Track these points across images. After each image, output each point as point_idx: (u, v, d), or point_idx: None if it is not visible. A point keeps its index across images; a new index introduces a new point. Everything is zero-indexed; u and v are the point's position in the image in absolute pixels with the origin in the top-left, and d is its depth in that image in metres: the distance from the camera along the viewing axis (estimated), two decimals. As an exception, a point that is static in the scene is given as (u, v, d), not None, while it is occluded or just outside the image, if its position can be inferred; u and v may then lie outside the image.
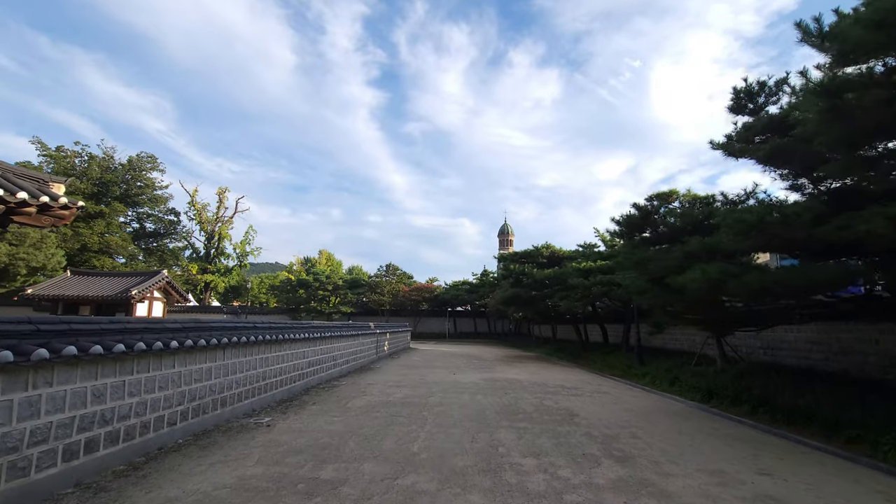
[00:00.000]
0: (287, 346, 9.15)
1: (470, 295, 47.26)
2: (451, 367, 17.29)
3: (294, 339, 9.23)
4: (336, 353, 12.81)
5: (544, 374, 16.16)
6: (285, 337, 8.73)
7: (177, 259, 53.09)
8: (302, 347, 10.02)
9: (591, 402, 10.37)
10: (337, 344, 12.94)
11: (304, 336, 9.81)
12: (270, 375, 8.35)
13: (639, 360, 16.11)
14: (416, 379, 13.32)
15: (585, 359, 21.35)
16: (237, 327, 7.28)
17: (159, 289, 32.47)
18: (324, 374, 11.60)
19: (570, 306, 18.80)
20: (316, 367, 10.99)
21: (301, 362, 9.99)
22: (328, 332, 11.68)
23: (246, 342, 7.17)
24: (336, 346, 12.85)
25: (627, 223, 11.21)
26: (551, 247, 22.03)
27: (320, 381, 11.26)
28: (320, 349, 11.36)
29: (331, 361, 12.27)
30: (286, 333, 8.88)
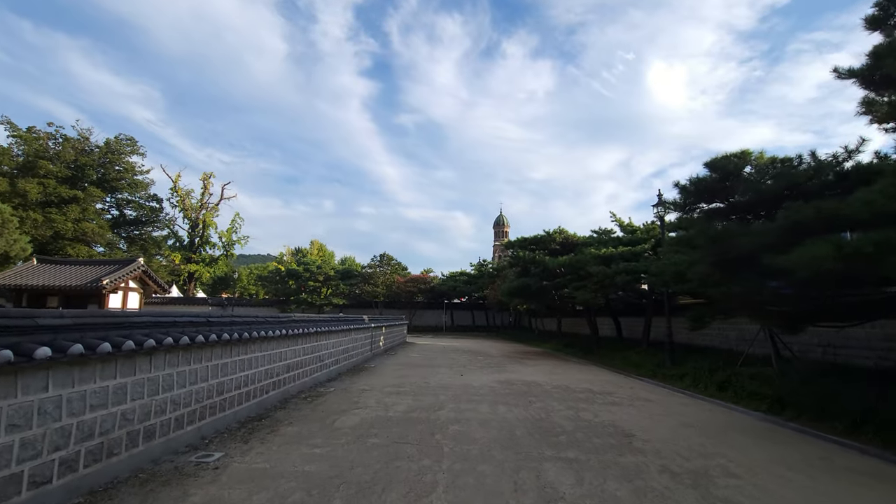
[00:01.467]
0: (256, 346, 7.02)
1: (468, 286, 45.28)
2: (455, 366, 15.27)
3: (266, 337, 7.10)
4: (323, 352, 10.69)
5: (563, 374, 14.20)
6: (253, 335, 6.60)
7: (159, 248, 50.43)
8: (278, 347, 7.89)
9: (637, 414, 8.39)
10: (325, 341, 10.82)
11: (281, 333, 7.68)
12: (232, 387, 6.23)
13: (670, 359, 14.19)
14: (419, 382, 11.27)
15: (599, 355, 19.45)
16: (177, 323, 5.13)
17: (135, 278, 30.07)
18: (307, 378, 9.48)
19: (587, 298, 16.83)
20: (297, 372, 8.87)
21: (277, 366, 7.86)
22: (313, 328, 9.55)
23: (189, 344, 5.03)
24: (323, 344, 10.73)
25: (697, 188, 8.87)
26: (565, 232, 20.00)
27: (303, 389, 9.15)
28: (303, 348, 9.24)
29: (316, 363, 10.16)
30: (255, 331, 6.75)
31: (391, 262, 48.05)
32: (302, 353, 9.18)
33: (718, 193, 8.53)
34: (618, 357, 17.82)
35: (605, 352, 19.88)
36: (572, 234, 20.02)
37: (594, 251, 16.64)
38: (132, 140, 48.84)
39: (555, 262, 17.88)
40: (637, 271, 15.45)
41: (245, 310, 49.50)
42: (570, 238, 19.85)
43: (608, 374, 14.71)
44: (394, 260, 48.18)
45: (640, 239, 17.13)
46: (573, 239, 19.77)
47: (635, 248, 16.39)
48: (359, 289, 47.02)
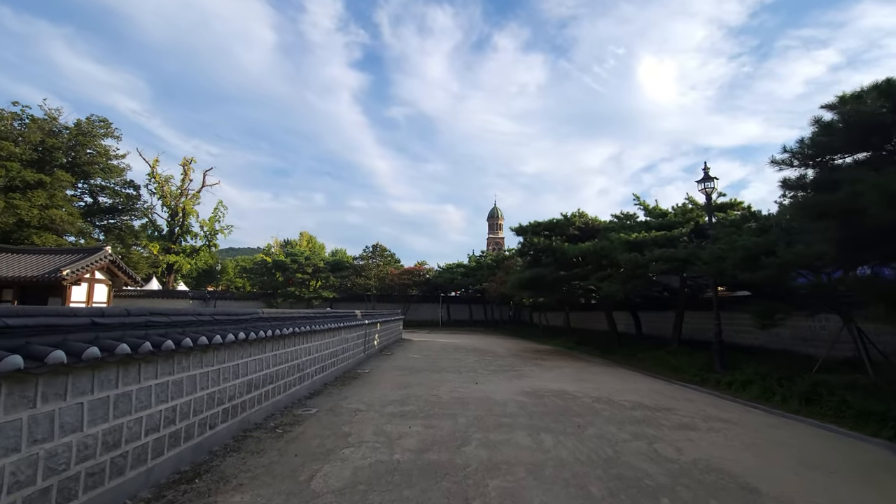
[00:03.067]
0: (192, 359, 4.59)
1: (465, 279, 42.94)
2: (464, 370, 12.95)
3: (207, 346, 4.67)
4: (303, 358, 8.27)
5: (593, 379, 11.94)
6: (185, 345, 4.17)
7: (137, 238, 47.31)
8: (233, 358, 5.47)
9: (729, 446, 6.13)
10: (306, 344, 8.40)
11: (237, 337, 5.25)
12: (138, 432, 3.79)
13: (720, 363, 11.99)
14: (427, 395, 8.91)
15: (622, 355, 17.27)
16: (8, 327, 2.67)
17: (102, 269, 27.25)
18: (281, 396, 7.06)
19: (614, 290, 14.58)
20: (264, 390, 6.45)
21: (231, 385, 5.44)
22: (288, 327, 7.13)
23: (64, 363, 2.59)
24: (304, 349, 8.31)
25: (849, 125, 5.96)
26: (585, 215, 17.67)
27: (273, 412, 6.73)
28: (274, 356, 6.81)
29: (294, 373, 7.74)
30: (191, 336, 4.32)
31: (384, 254, 45.51)
32: (273, 363, 6.75)
33: (876, 134, 5.90)
34: (646, 358, 15.63)
35: (628, 351, 17.71)
36: (593, 218, 17.72)
37: (623, 236, 14.35)
38: (106, 122, 45.58)
39: (575, 249, 15.59)
40: (675, 259, 13.20)
41: (228, 303, 46.72)
42: (592, 222, 17.56)
43: (647, 379, 12.49)
44: (387, 251, 45.65)
45: (675, 222, 14.88)
46: (594, 223, 17.49)
47: (671, 233, 14.13)
48: (350, 281, 44.46)
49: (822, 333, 12.10)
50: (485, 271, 41.25)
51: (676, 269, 13.50)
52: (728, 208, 15.27)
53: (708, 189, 12.52)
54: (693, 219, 14.86)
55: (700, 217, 14.90)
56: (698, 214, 14.86)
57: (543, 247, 16.53)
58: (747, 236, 9.71)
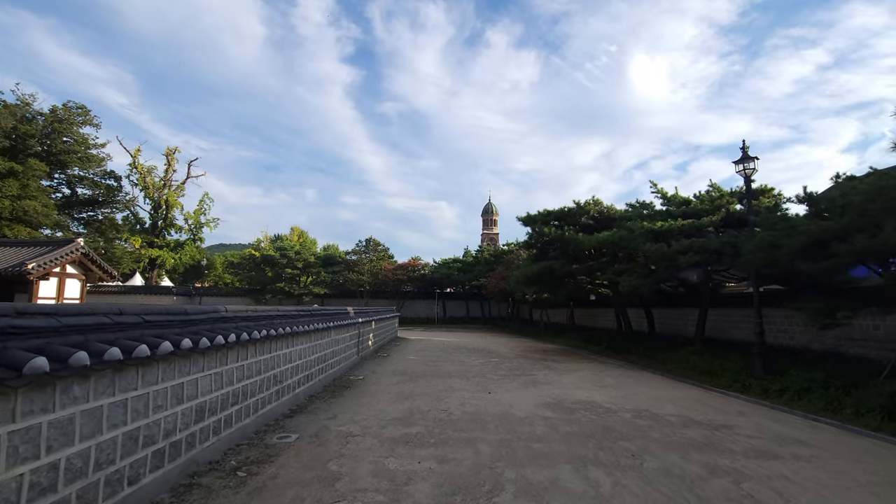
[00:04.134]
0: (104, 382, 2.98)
1: (462, 275, 41.42)
2: (471, 374, 11.42)
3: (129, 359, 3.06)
4: (283, 367, 6.68)
5: (619, 386, 10.48)
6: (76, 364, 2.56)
7: (118, 231, 45.07)
8: (172, 376, 3.87)
9: (845, 487, 4.65)
10: (285, 350, 6.81)
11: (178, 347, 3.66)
12: None
13: (762, 367, 10.58)
14: (434, 410, 7.36)
15: (639, 355, 15.85)
16: None
17: (73, 262, 25.29)
18: (250, 419, 5.47)
19: (635, 284, 13.13)
20: (224, 415, 4.85)
21: (169, 415, 3.84)
22: (261, 330, 5.54)
23: None
24: (284, 354, 6.72)
25: None
26: (600, 203, 16.16)
27: (239, 442, 5.14)
28: (238, 368, 5.22)
29: (271, 387, 6.15)
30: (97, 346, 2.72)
31: (378, 248, 43.80)
32: (238, 377, 5.16)
33: None
34: (667, 359, 14.21)
35: (644, 350, 16.28)
36: (609, 207, 16.23)
37: (646, 225, 12.88)
38: (84, 109, 43.29)
39: (592, 239, 14.10)
40: (706, 249, 11.76)
41: (216, 300, 44.78)
42: (607, 211, 16.07)
43: (678, 385, 11.06)
44: (380, 245, 43.93)
45: (702, 210, 13.44)
46: (610, 212, 16.01)
47: (701, 221, 12.69)
48: (342, 277, 42.71)
49: (875, 333, 10.73)
50: (482, 266, 39.77)
51: (707, 260, 12.05)
52: (759, 195, 13.87)
53: (747, 170, 11.07)
54: (722, 206, 13.43)
55: (730, 204, 13.48)
56: (728, 201, 13.43)
57: (555, 237, 15.03)
58: (808, 221, 8.28)
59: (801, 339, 12.85)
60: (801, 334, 12.95)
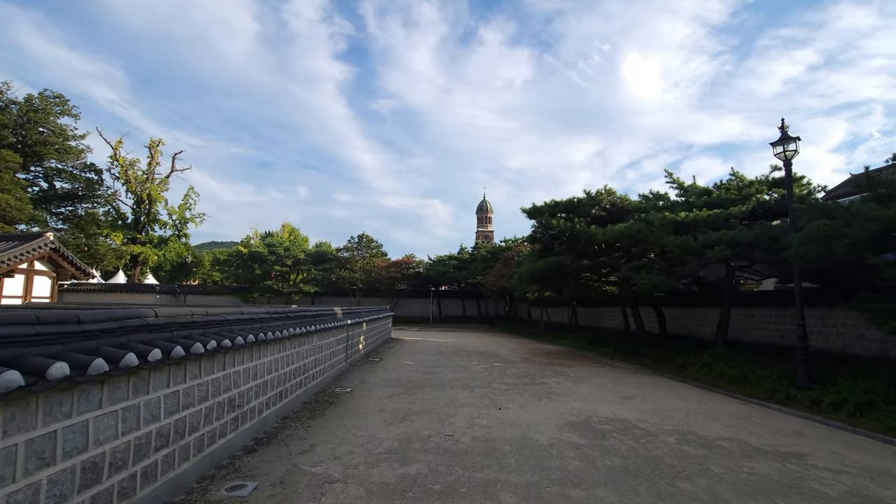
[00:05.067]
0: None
1: (458, 272, 40.05)
2: (475, 383, 10.05)
3: None
4: (243, 386, 5.26)
5: (646, 397, 9.16)
6: None
7: (98, 227, 43.09)
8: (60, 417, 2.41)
9: None
10: (248, 363, 5.39)
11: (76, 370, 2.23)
12: None
13: (807, 376, 9.31)
14: (437, 436, 5.98)
15: (654, 358, 14.57)
16: None
17: (42, 258, 23.58)
18: (188, 465, 4.04)
19: (655, 281, 11.83)
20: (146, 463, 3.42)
21: (41, 482, 2.38)
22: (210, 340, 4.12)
23: None
24: (245, 370, 5.30)
25: None
26: (613, 193, 14.74)
27: (169, 497, 3.69)
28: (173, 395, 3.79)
29: (225, 415, 4.74)
30: None
31: (371, 245, 42.27)
32: (169, 408, 3.74)
33: None
34: (688, 363, 12.94)
35: (658, 353, 15.00)
36: (622, 197, 14.88)
37: (668, 215, 11.57)
38: (62, 98, 41.29)
39: (606, 232, 12.75)
40: (738, 242, 10.48)
41: (201, 298, 43.04)
42: (620, 202, 14.73)
43: (712, 397, 9.77)
44: (374, 242, 42.39)
45: (728, 200, 12.16)
46: (624, 203, 14.67)
47: (729, 212, 11.39)
48: (334, 274, 41.14)
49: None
50: (479, 264, 38.42)
51: (737, 255, 10.77)
52: (790, 183, 12.61)
53: (788, 153, 9.78)
54: (750, 195, 12.16)
55: (759, 193, 12.22)
56: (758, 190, 12.16)
57: (563, 230, 13.68)
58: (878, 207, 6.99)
59: (839, 343, 11.63)
60: (837, 337, 11.73)
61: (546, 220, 14.23)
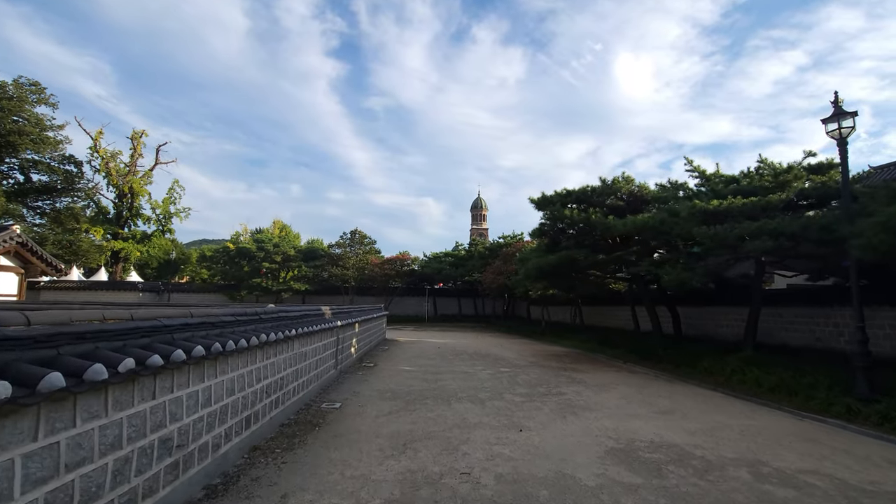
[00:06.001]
0: None
1: (455, 270, 38.69)
2: (485, 394, 8.71)
3: None
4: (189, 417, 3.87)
5: (685, 411, 7.88)
6: None
7: (78, 221, 41.15)
8: None
9: None
10: (196, 386, 3.98)
11: None
12: None
13: (868, 386, 8.09)
14: (449, 475, 4.63)
15: (675, 362, 13.31)
16: None
17: (8, 253, 21.83)
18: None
19: (682, 277, 10.57)
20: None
21: None
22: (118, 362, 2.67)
23: None
24: (191, 394, 3.89)
25: None
26: (631, 180, 13.41)
27: None
28: (43, 449, 2.34)
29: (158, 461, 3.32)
30: None
31: (364, 241, 40.77)
32: (44, 471, 2.32)
33: None
34: (714, 368, 11.68)
35: (678, 356, 13.75)
36: (642, 185, 13.56)
37: (699, 203, 10.30)
38: (38, 86, 39.23)
39: (627, 223, 11.45)
40: (783, 232, 9.23)
41: (187, 296, 41.29)
42: (639, 191, 13.40)
43: (758, 410, 8.50)
44: (367, 238, 40.89)
45: (762, 188, 10.92)
46: (643, 192, 13.35)
47: (768, 200, 10.13)
48: (326, 272, 39.59)
49: None
50: (476, 261, 37.11)
51: (781, 247, 9.52)
52: (828, 169, 11.43)
53: (843, 131, 8.54)
54: (788, 182, 10.93)
55: (798, 180, 10.99)
56: (797, 176, 10.93)
57: (577, 221, 12.36)
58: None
59: (886, 346, 10.45)
60: (885, 339, 10.56)
61: (557, 210, 12.91)
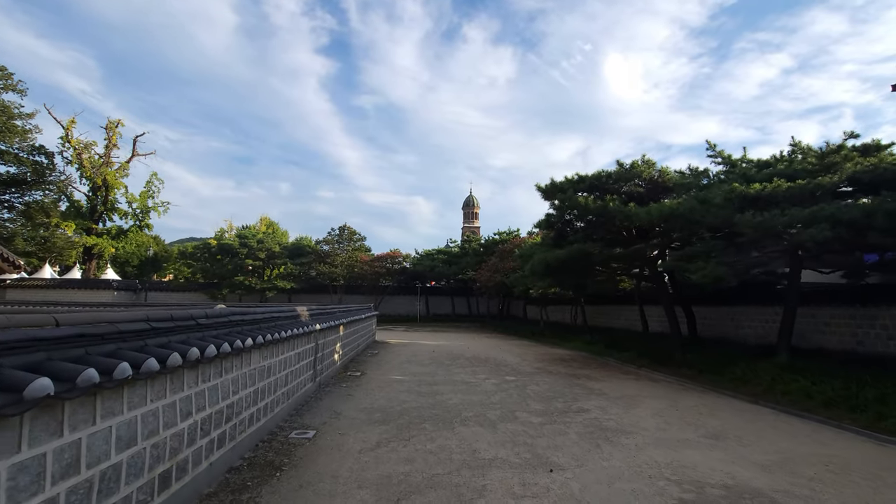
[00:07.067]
0: None
1: (448, 267, 37.11)
2: (493, 414, 7.18)
3: None
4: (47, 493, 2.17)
5: (741, 436, 6.43)
6: None
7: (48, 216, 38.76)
8: None
9: None
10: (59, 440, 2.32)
11: None
12: None
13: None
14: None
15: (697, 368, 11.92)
16: None
17: (-44, 248, 19.76)
18: None
19: (718, 273, 9.15)
20: None
21: None
22: None
23: None
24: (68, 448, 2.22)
25: None
26: (652, 164, 11.90)
27: None
28: None
29: None
30: None
31: (353, 237, 39.00)
32: None
33: None
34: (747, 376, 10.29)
35: (697, 360, 12.37)
36: (664, 169, 12.04)
37: (738, 187, 8.87)
38: (4, 70, 36.74)
39: (651, 211, 9.98)
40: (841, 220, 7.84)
41: (166, 295, 39.16)
42: (662, 176, 11.90)
43: (824, 431, 7.08)
44: (356, 234, 39.13)
45: (805, 171, 9.53)
46: (665, 177, 11.87)
47: (818, 182, 8.73)
48: (313, 269, 37.74)
49: None
50: (471, 258, 35.59)
51: (840, 237, 8.13)
52: (875, 151, 10.09)
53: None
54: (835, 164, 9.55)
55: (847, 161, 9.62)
56: (847, 157, 9.54)
57: (591, 210, 10.85)
58: None
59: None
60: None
61: (569, 198, 11.40)
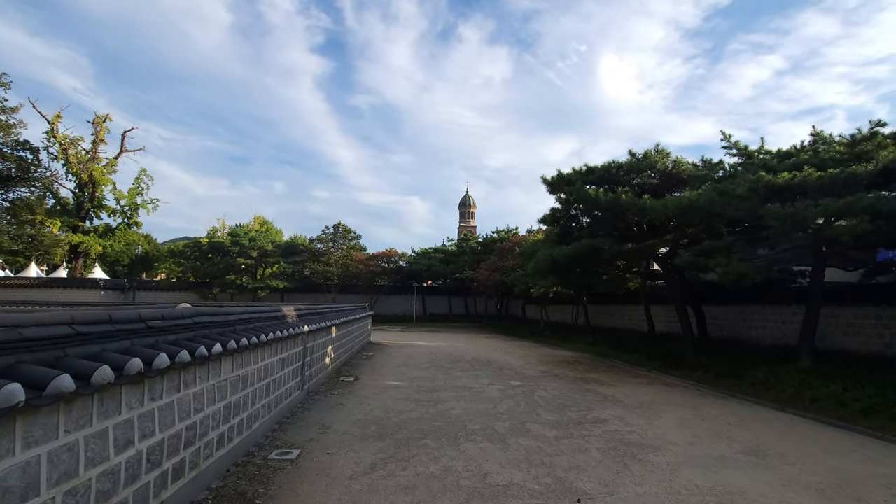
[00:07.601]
0: None
1: (445, 266, 36.31)
2: (502, 427, 6.43)
3: None
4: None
5: (783, 454, 5.70)
6: None
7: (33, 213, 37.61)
8: None
9: None
10: None
11: None
12: None
13: None
14: None
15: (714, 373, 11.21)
16: None
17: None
18: None
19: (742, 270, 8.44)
20: None
21: None
22: None
23: None
24: None
25: None
26: (666, 154, 11.18)
27: None
28: None
29: None
30: None
31: (348, 236, 38.12)
32: None
33: None
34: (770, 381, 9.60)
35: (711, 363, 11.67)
36: (678, 160, 11.32)
37: (765, 177, 8.17)
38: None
39: (668, 203, 9.24)
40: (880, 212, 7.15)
41: (155, 295, 38.12)
42: (677, 167, 11.20)
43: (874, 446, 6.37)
44: (351, 232, 38.26)
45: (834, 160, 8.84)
46: (680, 168, 11.15)
47: (853, 170, 8.04)
48: (307, 268, 36.85)
49: None
50: (468, 257, 34.84)
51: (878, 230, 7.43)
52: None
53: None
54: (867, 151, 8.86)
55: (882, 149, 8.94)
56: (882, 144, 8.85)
57: (603, 203, 10.11)
58: None
59: None
60: None
61: (578, 190, 10.66)
